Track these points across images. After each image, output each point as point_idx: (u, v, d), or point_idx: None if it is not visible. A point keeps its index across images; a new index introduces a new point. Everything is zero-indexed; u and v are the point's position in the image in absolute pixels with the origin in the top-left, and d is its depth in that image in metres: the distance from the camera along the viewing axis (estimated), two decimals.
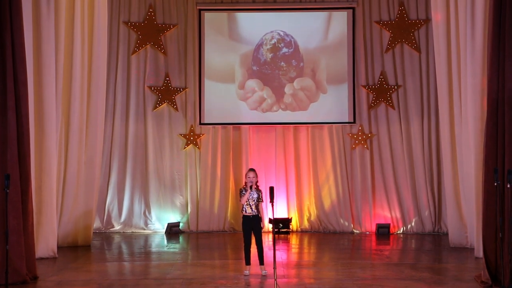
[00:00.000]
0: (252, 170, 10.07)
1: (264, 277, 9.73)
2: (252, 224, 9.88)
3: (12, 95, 9.61)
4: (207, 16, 15.84)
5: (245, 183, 10.02)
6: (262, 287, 9.27)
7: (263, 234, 10.28)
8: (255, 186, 9.95)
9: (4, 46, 9.62)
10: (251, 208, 9.85)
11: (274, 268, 8.23)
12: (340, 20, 15.73)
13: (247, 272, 9.92)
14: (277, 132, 15.78)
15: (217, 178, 15.64)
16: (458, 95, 12.29)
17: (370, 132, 15.53)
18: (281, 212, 15.38)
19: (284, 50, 15.76)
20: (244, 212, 9.94)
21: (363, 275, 10.06)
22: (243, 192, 9.91)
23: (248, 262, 9.94)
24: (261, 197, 9.93)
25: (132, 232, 15.26)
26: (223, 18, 15.90)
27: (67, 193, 12.93)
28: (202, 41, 15.78)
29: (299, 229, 15.49)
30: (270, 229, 14.08)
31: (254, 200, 9.86)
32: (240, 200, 10.00)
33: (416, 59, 15.55)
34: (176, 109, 15.75)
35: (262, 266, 9.93)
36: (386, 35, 15.62)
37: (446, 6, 12.69)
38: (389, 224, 15.07)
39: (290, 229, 15.18)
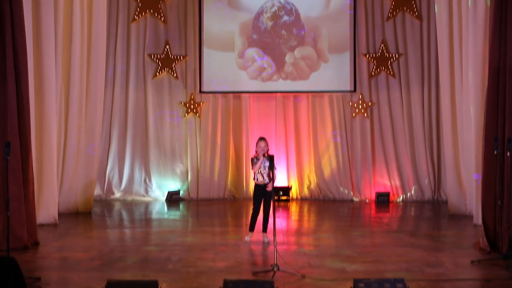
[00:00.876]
0: (263, 139, 9.93)
1: (265, 244, 9.76)
2: (264, 192, 9.85)
3: (11, 64, 9.54)
4: None
5: (256, 151, 9.93)
6: (262, 254, 9.30)
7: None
8: (267, 155, 9.84)
9: (3, 15, 9.51)
10: (263, 177, 9.80)
11: (274, 235, 8.23)
12: None
13: (248, 238, 9.92)
14: (277, 100, 15.70)
15: (217, 146, 15.60)
16: (459, 63, 12.21)
17: (371, 101, 15.45)
18: (281, 180, 15.34)
19: (285, 18, 15.61)
20: (256, 181, 9.89)
21: (363, 242, 10.08)
22: (255, 160, 9.86)
23: (252, 229, 9.96)
24: (274, 164, 9.67)
25: (132, 199, 15.27)
26: None
27: (67, 161, 12.94)
28: (201, 8, 15.59)
29: (299, 197, 15.50)
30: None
31: (265, 169, 9.79)
32: (252, 168, 9.94)
33: (417, 27, 15.41)
34: (176, 77, 15.65)
35: (264, 234, 9.93)
36: (387, 3, 15.46)
37: None
38: (389, 192, 15.07)
39: (290, 197, 15.20)
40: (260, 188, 9.86)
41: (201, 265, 8.37)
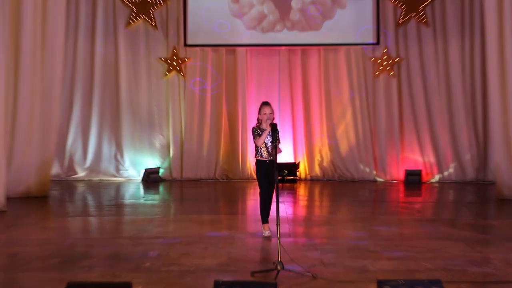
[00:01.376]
0: (267, 104, 9.77)
1: (266, 236, 9.69)
2: (269, 171, 9.72)
3: None
4: None
5: (258, 119, 9.82)
6: (262, 249, 9.22)
7: None
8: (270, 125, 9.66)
9: None
10: (268, 152, 9.68)
11: (277, 225, 8.13)
12: None
13: (267, 232, 9.74)
14: (281, 56, 15.64)
15: (207, 113, 15.57)
16: (510, 6, 12.04)
17: (398, 56, 15.38)
18: (286, 156, 15.29)
19: None
20: (259, 157, 9.77)
21: (388, 233, 9.99)
22: (258, 131, 9.73)
23: (266, 220, 9.70)
24: (279, 137, 9.63)
25: (100, 180, 15.32)
26: None
27: (18, 132, 12.81)
28: None
29: (308, 176, 15.54)
30: None
31: (271, 142, 9.67)
32: (254, 141, 9.84)
33: None
34: (155, 26, 15.59)
35: (266, 225, 9.82)
36: None
37: None
38: (421, 170, 15.08)
39: (297, 176, 15.20)
40: (264, 166, 9.73)
41: (186, 263, 8.29)
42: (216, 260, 8.43)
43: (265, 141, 9.62)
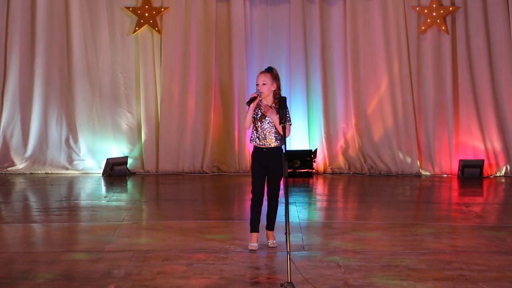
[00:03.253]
0: (263, 71, 9.78)
1: (270, 249, 9.78)
2: (267, 162, 9.79)
3: None
4: None
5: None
6: (266, 266, 9.29)
7: None
8: (275, 99, 9.61)
9: None
10: (265, 136, 9.65)
11: (286, 233, 8.26)
12: None
13: (254, 244, 9.82)
14: (292, 4, 15.66)
15: (191, 83, 15.63)
16: None
17: (452, 4, 15.38)
18: (298, 140, 15.49)
19: None
20: (253, 142, 9.87)
21: (436, 245, 10.03)
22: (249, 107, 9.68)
23: (255, 228, 9.82)
24: (287, 115, 9.21)
25: (46, 173, 15.41)
26: None
27: None
28: None
29: (328, 169, 15.63)
30: None
31: (268, 123, 9.59)
32: (244, 123, 9.83)
33: None
34: None
35: (270, 233, 9.90)
36: None
37: None
38: (482, 161, 15.13)
39: (313, 168, 15.32)
40: (260, 155, 9.70)
41: (164, 285, 8.40)
42: (204, 281, 8.51)
43: (257, 123, 9.55)
